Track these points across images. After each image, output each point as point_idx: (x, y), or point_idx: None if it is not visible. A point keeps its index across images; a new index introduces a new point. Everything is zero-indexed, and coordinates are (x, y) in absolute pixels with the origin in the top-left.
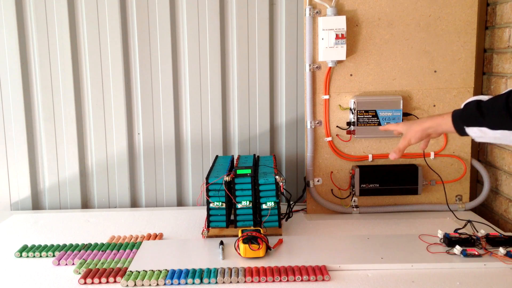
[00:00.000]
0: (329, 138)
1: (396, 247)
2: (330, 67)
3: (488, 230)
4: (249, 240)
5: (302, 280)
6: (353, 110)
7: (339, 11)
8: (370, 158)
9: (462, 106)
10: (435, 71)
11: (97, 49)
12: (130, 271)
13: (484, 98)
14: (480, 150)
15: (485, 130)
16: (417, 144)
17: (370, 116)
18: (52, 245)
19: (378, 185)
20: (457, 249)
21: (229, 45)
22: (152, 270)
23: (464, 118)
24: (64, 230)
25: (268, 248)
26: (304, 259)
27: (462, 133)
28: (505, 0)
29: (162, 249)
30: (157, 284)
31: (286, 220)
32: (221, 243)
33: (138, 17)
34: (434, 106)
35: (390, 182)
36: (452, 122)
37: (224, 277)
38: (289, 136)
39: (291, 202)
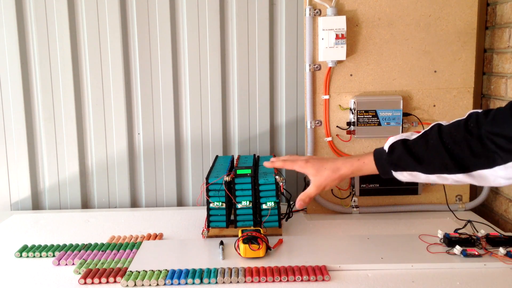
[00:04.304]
0: (329, 138)
1: (396, 247)
2: (330, 67)
3: (488, 230)
4: (249, 240)
5: (302, 280)
6: (353, 110)
7: (339, 11)
8: None
9: (385, 148)
10: (435, 71)
11: (97, 49)
12: (130, 271)
13: (409, 136)
14: None
15: (417, 174)
16: None
17: (370, 116)
18: (52, 245)
19: (378, 185)
20: (457, 249)
21: (229, 45)
22: (152, 270)
23: (392, 162)
24: (64, 230)
25: (268, 248)
26: (304, 259)
27: (387, 176)
28: (505, 0)
29: (162, 249)
30: (157, 284)
31: (286, 220)
32: (221, 243)
33: (138, 17)
34: (434, 106)
35: (390, 182)
36: (377, 167)
37: (224, 277)
38: (289, 136)
39: (291, 202)
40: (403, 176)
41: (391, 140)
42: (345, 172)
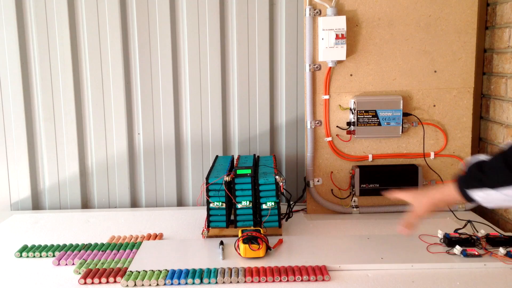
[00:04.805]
0: (329, 138)
1: (396, 247)
2: (330, 67)
3: (488, 230)
4: (249, 240)
5: (302, 280)
6: (353, 110)
7: (339, 11)
8: (370, 158)
9: (464, 170)
10: (435, 71)
11: (97, 49)
12: (130, 271)
13: (486, 157)
14: (480, 150)
15: (488, 191)
16: (418, 143)
17: (370, 116)
18: (52, 245)
19: (378, 185)
20: (457, 249)
21: (229, 45)
22: (152, 270)
23: (466, 181)
24: (64, 230)
25: (268, 248)
26: (304, 259)
27: (469, 199)
28: (505, 0)
29: (162, 249)
30: (157, 284)
31: (286, 220)
32: (221, 243)
33: (138, 17)
34: (434, 106)
35: (390, 182)
36: (457, 188)
37: (224, 277)
38: (289, 136)
39: (291, 202)
40: (479, 196)
41: (470, 161)
42: (436, 197)
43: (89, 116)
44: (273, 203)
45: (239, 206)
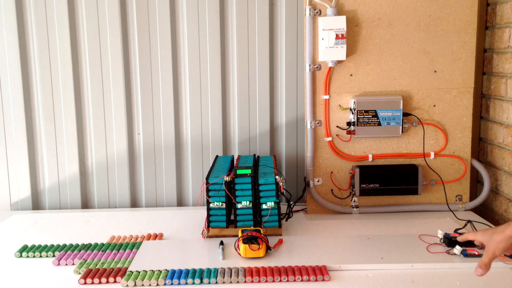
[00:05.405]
0: (329, 138)
1: (396, 247)
2: (330, 67)
3: None
4: (249, 240)
5: (302, 280)
6: (353, 110)
7: (339, 11)
8: (370, 158)
9: None
10: (435, 71)
11: (97, 49)
12: (130, 271)
13: None
14: (480, 150)
15: None
16: (418, 143)
17: (370, 116)
18: (52, 245)
19: (378, 185)
20: (457, 249)
21: (229, 45)
22: (152, 270)
23: None
24: (64, 230)
25: (268, 248)
26: (304, 259)
27: None
28: (505, 0)
29: (162, 249)
30: (157, 284)
31: (286, 220)
32: (221, 243)
33: (138, 17)
34: (434, 106)
35: (390, 182)
36: None
37: (224, 277)
38: (289, 136)
39: (291, 202)
40: None
41: None
42: (508, 232)
43: (89, 116)
44: (273, 203)
45: (239, 206)
